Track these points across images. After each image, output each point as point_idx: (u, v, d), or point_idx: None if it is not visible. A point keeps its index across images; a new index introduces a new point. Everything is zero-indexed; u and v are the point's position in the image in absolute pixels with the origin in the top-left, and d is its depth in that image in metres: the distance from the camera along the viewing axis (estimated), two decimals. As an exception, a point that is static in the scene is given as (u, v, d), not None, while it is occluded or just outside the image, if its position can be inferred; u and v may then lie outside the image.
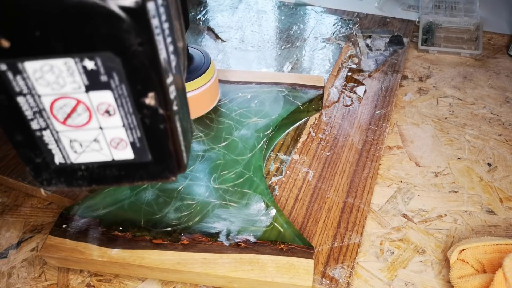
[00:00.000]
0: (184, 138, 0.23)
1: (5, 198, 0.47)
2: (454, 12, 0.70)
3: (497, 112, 0.55)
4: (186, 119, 0.24)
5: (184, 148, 0.24)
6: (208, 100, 0.50)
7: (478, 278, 0.35)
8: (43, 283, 0.39)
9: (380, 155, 0.48)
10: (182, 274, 0.37)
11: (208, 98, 0.49)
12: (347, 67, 0.61)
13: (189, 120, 0.26)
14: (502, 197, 0.45)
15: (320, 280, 0.37)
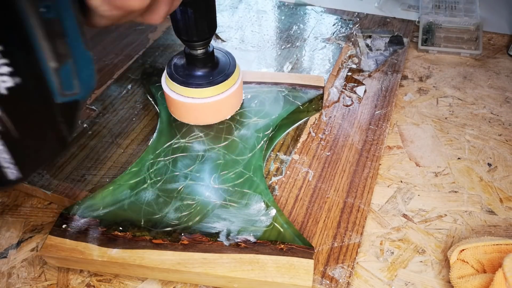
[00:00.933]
0: (14, 152, 0.21)
1: (5, 198, 0.47)
2: (454, 12, 0.70)
3: (497, 112, 0.55)
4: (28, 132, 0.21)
5: (10, 164, 0.22)
6: (234, 103, 0.49)
7: (478, 278, 0.35)
8: (43, 283, 0.39)
9: (380, 155, 0.48)
10: (182, 274, 0.37)
11: (234, 101, 0.49)
12: (347, 67, 0.61)
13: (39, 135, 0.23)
14: (502, 197, 0.45)
15: (320, 280, 0.37)
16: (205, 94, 0.45)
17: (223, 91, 0.46)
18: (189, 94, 0.45)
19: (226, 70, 0.46)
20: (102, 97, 0.56)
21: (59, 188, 0.45)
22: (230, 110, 0.49)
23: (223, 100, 0.46)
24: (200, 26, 0.42)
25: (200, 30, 0.42)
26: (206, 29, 0.43)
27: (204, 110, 0.46)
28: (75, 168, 0.47)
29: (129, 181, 0.43)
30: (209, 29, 0.43)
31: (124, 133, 0.51)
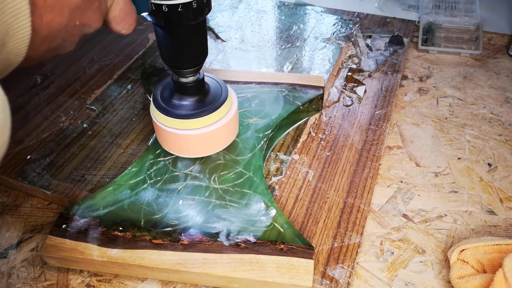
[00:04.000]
0: None
1: (5, 198, 0.47)
2: (454, 12, 0.70)
3: (497, 112, 0.55)
4: None
5: None
6: (229, 133, 0.45)
7: (478, 278, 0.35)
8: (43, 283, 0.39)
9: (380, 155, 0.48)
10: (182, 274, 0.37)
11: (229, 131, 0.44)
12: (347, 67, 0.61)
13: None
14: (502, 197, 0.45)
15: (320, 280, 0.37)
16: (196, 125, 0.41)
17: (216, 121, 0.42)
18: (177, 126, 0.41)
19: (217, 98, 0.42)
20: (102, 97, 0.56)
21: (59, 188, 0.45)
22: (226, 141, 0.45)
23: (216, 131, 0.42)
24: (189, 53, 0.38)
25: (189, 57, 0.39)
26: (195, 55, 0.39)
27: (195, 142, 0.42)
28: (75, 168, 0.47)
29: (129, 181, 0.43)
30: (199, 56, 0.40)
31: (124, 133, 0.51)
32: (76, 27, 0.27)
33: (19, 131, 0.51)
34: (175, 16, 0.34)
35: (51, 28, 0.25)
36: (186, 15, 0.34)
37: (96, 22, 0.28)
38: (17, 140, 0.50)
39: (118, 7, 0.30)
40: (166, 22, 0.35)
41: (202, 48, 0.40)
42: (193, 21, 0.35)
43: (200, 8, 0.35)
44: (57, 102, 0.56)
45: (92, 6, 0.27)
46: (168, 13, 0.34)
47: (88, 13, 0.27)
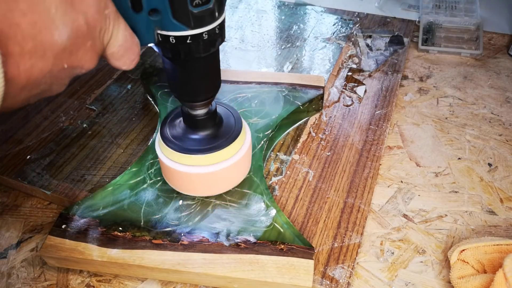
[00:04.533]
0: None
1: (5, 198, 0.47)
2: (454, 12, 0.70)
3: (498, 112, 0.55)
4: None
5: None
6: (244, 168, 0.41)
7: (479, 278, 0.35)
8: (43, 283, 0.39)
9: (381, 155, 0.48)
10: (182, 274, 0.36)
11: (244, 166, 0.41)
12: (348, 67, 0.61)
13: None
14: (503, 197, 0.45)
15: (320, 281, 0.37)
16: (208, 161, 0.38)
17: (231, 156, 0.38)
18: (187, 162, 0.38)
19: (231, 130, 0.39)
20: (102, 97, 0.56)
21: (58, 188, 0.45)
22: (240, 176, 0.41)
23: (231, 167, 0.39)
24: (199, 86, 0.35)
25: (199, 90, 0.35)
26: (206, 88, 0.35)
27: (207, 180, 0.39)
28: (75, 168, 0.47)
29: (129, 181, 0.42)
30: (211, 88, 0.36)
31: (124, 133, 0.51)
32: (63, 71, 0.23)
33: (19, 131, 0.51)
34: (183, 48, 0.30)
35: (31, 76, 0.21)
36: (195, 47, 0.30)
37: (89, 62, 0.25)
38: (17, 140, 0.50)
39: (117, 43, 0.26)
40: (174, 55, 0.31)
41: (214, 80, 0.36)
42: (204, 53, 0.31)
43: (212, 39, 0.31)
44: (57, 102, 0.56)
45: (83, 46, 0.24)
46: (176, 45, 0.30)
47: (79, 54, 0.24)
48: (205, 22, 0.29)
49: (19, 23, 0.20)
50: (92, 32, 0.24)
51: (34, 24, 0.20)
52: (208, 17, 0.29)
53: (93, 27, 0.24)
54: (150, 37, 0.29)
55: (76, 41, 0.23)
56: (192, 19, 0.28)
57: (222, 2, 0.30)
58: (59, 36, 0.21)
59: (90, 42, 0.24)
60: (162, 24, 0.28)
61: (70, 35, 0.22)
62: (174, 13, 0.28)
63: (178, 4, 0.27)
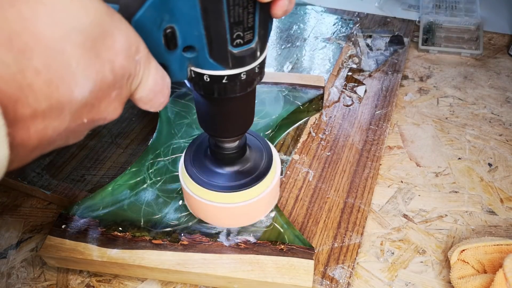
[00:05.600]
0: None
1: (5, 198, 0.47)
2: (454, 12, 0.70)
3: (498, 112, 0.54)
4: None
5: None
6: (270, 201, 0.39)
7: (479, 278, 0.35)
8: (43, 284, 0.39)
9: (381, 155, 0.48)
10: (181, 274, 0.36)
11: (270, 199, 0.39)
12: (348, 67, 0.61)
13: None
14: (503, 197, 0.45)
15: (320, 281, 0.37)
16: (238, 199, 0.36)
17: (261, 192, 0.37)
18: (216, 199, 0.36)
19: (261, 165, 0.37)
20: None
21: (58, 188, 0.45)
22: (270, 206, 0.40)
23: (259, 201, 0.37)
24: (232, 123, 0.32)
25: (231, 127, 0.32)
26: (239, 126, 0.33)
27: (238, 214, 0.37)
28: (75, 168, 0.47)
29: (129, 181, 0.42)
30: (243, 125, 0.33)
31: (124, 133, 0.51)
32: (82, 125, 0.20)
33: (18, 131, 0.51)
34: (218, 87, 0.27)
35: (43, 137, 0.18)
36: (231, 87, 0.27)
37: (112, 113, 0.21)
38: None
39: (146, 88, 0.23)
40: (207, 93, 0.28)
41: (247, 118, 0.33)
42: (240, 93, 0.28)
43: (250, 79, 0.28)
44: (57, 102, 0.55)
45: (108, 98, 0.20)
46: (211, 84, 0.27)
47: (102, 106, 0.20)
48: (245, 62, 0.26)
49: (31, 83, 0.16)
50: (118, 82, 0.20)
51: (50, 82, 0.17)
52: (248, 57, 0.26)
53: (121, 75, 0.20)
54: (182, 74, 0.27)
55: (99, 93, 0.19)
56: (231, 59, 0.25)
57: (265, 41, 0.27)
58: (79, 92, 0.18)
59: (116, 92, 0.21)
60: (197, 61, 0.26)
61: (92, 89, 0.19)
62: (211, 52, 0.25)
63: (217, 43, 0.24)
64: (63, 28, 0.17)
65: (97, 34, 0.18)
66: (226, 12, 0.23)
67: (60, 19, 0.17)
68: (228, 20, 0.23)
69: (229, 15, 0.23)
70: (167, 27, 0.23)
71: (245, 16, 0.23)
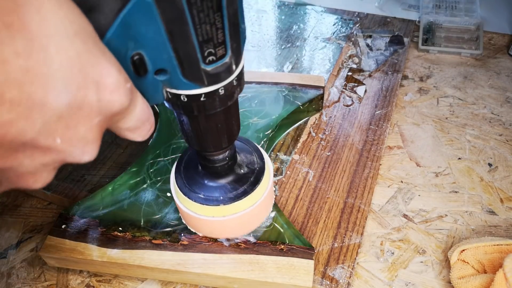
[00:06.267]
0: None
1: (5, 198, 0.47)
2: (454, 12, 0.70)
3: (498, 112, 0.54)
4: None
5: None
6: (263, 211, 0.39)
7: (479, 278, 0.35)
8: (43, 284, 0.39)
9: (381, 155, 0.48)
10: (181, 274, 0.36)
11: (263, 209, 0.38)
12: (348, 67, 0.61)
13: None
14: (503, 197, 0.45)
15: (320, 281, 0.37)
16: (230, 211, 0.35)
17: (254, 202, 0.36)
18: (208, 213, 0.35)
19: (252, 175, 0.36)
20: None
21: (58, 188, 0.45)
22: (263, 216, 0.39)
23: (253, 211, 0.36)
24: (215, 138, 0.31)
25: (216, 141, 0.31)
26: (224, 139, 0.32)
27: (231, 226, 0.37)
28: (75, 168, 0.47)
29: (129, 181, 0.42)
30: (229, 138, 0.32)
31: (124, 133, 0.51)
32: (51, 151, 0.19)
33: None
34: (197, 105, 0.27)
35: (7, 133, 0.17)
36: (210, 104, 0.27)
37: (90, 145, 0.21)
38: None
39: (134, 117, 0.22)
40: (186, 111, 0.27)
41: (232, 129, 0.32)
42: (220, 108, 0.28)
43: (229, 93, 0.27)
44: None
45: (88, 122, 0.19)
46: (189, 103, 0.26)
47: (80, 130, 0.19)
48: (220, 78, 0.26)
49: (7, 60, 0.15)
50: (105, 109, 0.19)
51: (26, 71, 0.16)
52: (224, 72, 0.25)
53: (109, 104, 0.19)
54: (158, 97, 0.26)
55: (80, 112, 0.18)
56: (206, 77, 0.25)
57: (240, 52, 0.26)
58: (54, 99, 0.17)
59: (99, 119, 0.20)
60: (171, 83, 0.25)
61: (71, 103, 0.18)
62: (184, 72, 0.24)
63: (188, 63, 0.24)
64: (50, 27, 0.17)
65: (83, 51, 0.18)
66: (193, 32, 0.22)
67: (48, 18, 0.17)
68: (197, 39, 0.22)
69: (196, 34, 0.22)
70: (133, 54, 0.22)
71: (214, 32, 0.23)
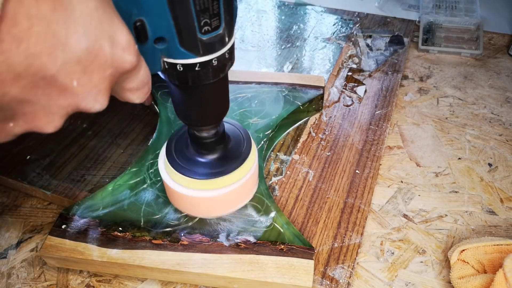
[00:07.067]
0: None
1: (5, 198, 0.47)
2: (454, 12, 0.70)
3: (498, 112, 0.54)
4: None
5: None
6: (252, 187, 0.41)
7: (479, 278, 0.35)
8: (43, 284, 0.39)
9: (381, 155, 0.48)
10: (181, 274, 0.36)
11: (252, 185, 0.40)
12: (348, 67, 0.61)
13: None
14: (503, 197, 0.45)
15: (320, 281, 0.37)
16: (216, 185, 0.37)
17: (240, 178, 0.38)
18: (195, 186, 0.37)
19: (240, 151, 0.38)
20: (102, 97, 0.56)
21: (58, 189, 0.45)
22: (248, 196, 0.41)
23: (239, 189, 0.38)
24: (207, 111, 0.33)
25: (207, 115, 0.34)
26: (215, 113, 0.34)
27: (216, 203, 0.38)
28: (75, 168, 0.47)
29: (129, 181, 0.42)
30: (219, 113, 0.34)
31: (124, 133, 0.51)
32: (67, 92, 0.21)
33: (19, 131, 0.51)
34: (192, 75, 0.29)
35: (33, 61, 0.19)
36: (204, 74, 0.29)
37: (101, 94, 0.24)
38: (17, 140, 0.50)
39: (139, 78, 0.25)
40: (181, 82, 0.29)
41: (223, 104, 0.34)
42: (213, 79, 0.30)
43: (222, 65, 0.29)
44: (57, 102, 0.55)
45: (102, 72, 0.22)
46: (184, 73, 0.28)
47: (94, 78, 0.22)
48: (214, 48, 0.28)
49: None
50: (116, 63, 0.22)
51: (53, 9, 0.18)
52: (218, 43, 0.28)
53: (121, 60, 0.22)
54: (156, 66, 0.28)
55: (96, 60, 0.21)
56: (201, 46, 0.27)
57: (232, 26, 0.28)
58: (75, 41, 0.19)
59: (111, 71, 0.22)
60: (168, 52, 0.27)
61: (89, 49, 0.20)
62: (181, 41, 0.26)
63: (186, 32, 0.26)
64: None
65: (100, 7, 0.20)
66: (191, 1, 0.24)
67: None
68: (194, 8, 0.24)
69: (194, 3, 0.24)
70: (136, 20, 0.25)
71: (210, 3, 0.25)
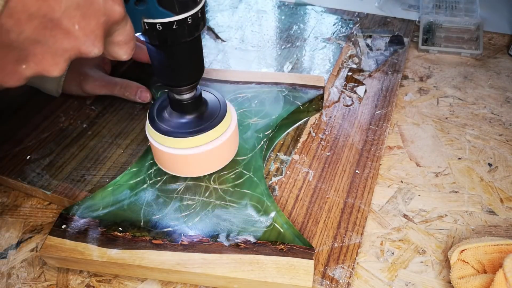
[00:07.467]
0: None
1: (5, 198, 0.47)
2: (454, 12, 0.70)
3: (498, 112, 0.54)
4: None
5: None
6: (230, 149, 0.43)
7: (479, 278, 0.35)
8: (43, 284, 0.39)
9: (381, 155, 0.48)
10: (181, 274, 0.36)
11: (230, 147, 0.43)
12: (348, 67, 0.61)
13: None
14: (503, 197, 0.45)
15: (320, 281, 0.37)
16: (195, 143, 0.40)
17: (216, 137, 0.40)
18: (175, 145, 0.40)
19: (217, 113, 0.41)
20: (102, 97, 0.56)
21: (58, 189, 0.45)
22: (227, 157, 0.43)
23: (217, 148, 0.41)
24: (184, 70, 0.37)
25: (185, 74, 0.37)
26: (191, 73, 0.38)
27: (195, 161, 0.41)
28: (75, 168, 0.47)
29: (129, 181, 0.42)
30: (196, 72, 0.38)
31: (124, 133, 0.51)
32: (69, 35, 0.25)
33: (19, 131, 0.51)
34: (169, 34, 0.32)
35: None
36: (181, 32, 0.33)
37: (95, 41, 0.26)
38: (17, 140, 0.50)
39: (126, 32, 0.28)
40: (160, 41, 0.33)
41: (198, 64, 0.38)
42: (189, 38, 0.34)
43: (196, 23, 0.33)
44: (57, 102, 0.55)
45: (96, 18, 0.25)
46: (162, 32, 0.32)
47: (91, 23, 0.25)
48: (188, 7, 0.32)
49: None
50: (109, 11, 0.25)
51: None
52: (191, 2, 0.32)
53: (111, 10, 0.25)
54: (137, 27, 0.31)
55: (91, 7, 0.24)
56: (177, 4, 0.31)
57: None
58: None
59: (104, 19, 0.25)
60: (148, 12, 0.31)
61: None
62: (160, 1, 0.30)
63: None
64: None
65: None
66: None
67: None
68: None
69: None
70: None
71: None
